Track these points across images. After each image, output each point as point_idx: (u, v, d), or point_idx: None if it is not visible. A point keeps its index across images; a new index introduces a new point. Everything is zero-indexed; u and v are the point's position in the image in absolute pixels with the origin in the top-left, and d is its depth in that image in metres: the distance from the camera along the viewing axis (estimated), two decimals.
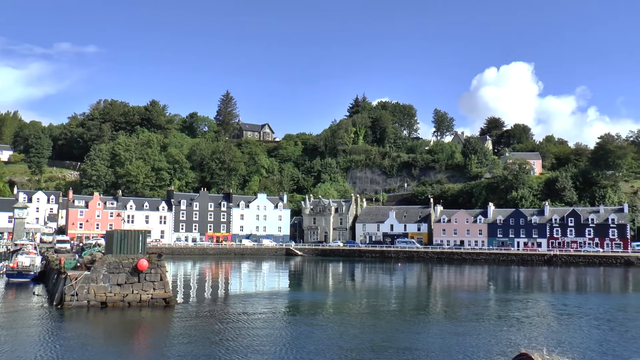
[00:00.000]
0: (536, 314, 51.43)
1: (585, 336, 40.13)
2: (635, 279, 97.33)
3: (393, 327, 42.34)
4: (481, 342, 37.00)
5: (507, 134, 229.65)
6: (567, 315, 50.35)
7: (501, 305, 56.84)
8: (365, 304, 58.15)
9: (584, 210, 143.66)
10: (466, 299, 62.81)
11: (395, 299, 63.02)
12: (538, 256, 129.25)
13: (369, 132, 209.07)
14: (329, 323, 44.47)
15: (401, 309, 54.00)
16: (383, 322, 45.12)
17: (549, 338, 38.83)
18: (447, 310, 52.41)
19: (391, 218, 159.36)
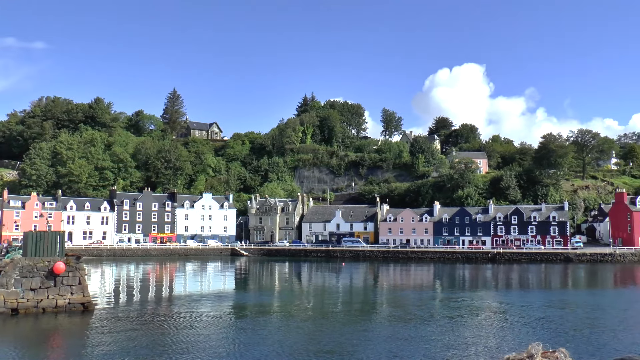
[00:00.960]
0: (482, 312, 51.39)
1: (531, 333, 39.93)
2: (574, 275, 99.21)
3: (339, 330, 41.18)
4: (430, 344, 36.15)
5: (455, 133, 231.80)
6: (512, 312, 50.51)
7: (448, 305, 56.48)
8: (312, 305, 57.00)
9: (526, 209, 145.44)
10: (413, 298, 62.30)
11: (341, 300, 62.08)
12: (482, 254, 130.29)
13: (317, 131, 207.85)
14: (273, 326, 43.30)
15: (348, 311, 52.97)
16: (329, 324, 43.96)
17: (497, 336, 38.62)
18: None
19: (337, 217, 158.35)
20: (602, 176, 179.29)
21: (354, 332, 40.26)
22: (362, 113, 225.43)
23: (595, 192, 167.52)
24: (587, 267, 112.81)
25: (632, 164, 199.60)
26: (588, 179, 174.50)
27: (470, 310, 51.74)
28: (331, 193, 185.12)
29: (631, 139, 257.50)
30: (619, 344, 36.64)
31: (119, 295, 64.11)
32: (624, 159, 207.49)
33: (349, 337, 38.34)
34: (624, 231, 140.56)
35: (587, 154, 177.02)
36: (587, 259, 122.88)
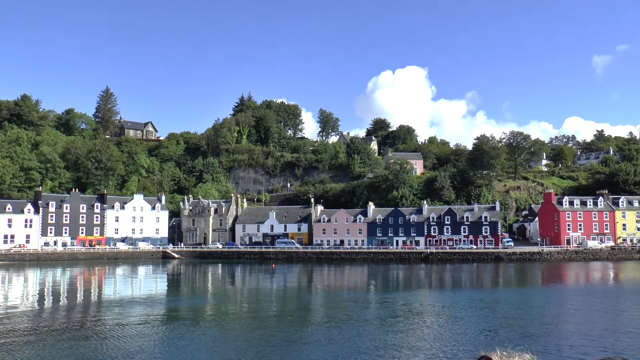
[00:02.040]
0: (417, 312, 51.03)
1: (473, 331, 40.25)
2: (505, 274, 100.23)
3: (274, 335, 39.59)
4: (367, 346, 35.02)
5: (392, 135, 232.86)
6: (446, 312, 50.55)
7: (383, 306, 55.71)
8: (246, 309, 55.31)
9: (459, 209, 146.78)
10: (347, 300, 61.49)
11: (276, 303, 60.64)
12: (415, 254, 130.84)
13: (253, 131, 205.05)
14: (207, 331, 41.59)
15: (282, 314, 51.45)
16: (264, 328, 42.35)
17: (434, 337, 38.02)
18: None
19: (271, 218, 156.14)
20: (533, 177, 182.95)
21: (290, 336, 38.97)
22: (298, 113, 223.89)
23: (526, 193, 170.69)
24: (516, 265, 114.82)
25: (561, 165, 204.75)
26: (520, 180, 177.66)
27: (405, 311, 51.39)
28: (266, 194, 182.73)
29: (561, 141, 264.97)
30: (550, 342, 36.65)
31: (44, 301, 60.78)
32: (553, 160, 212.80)
33: (284, 341, 37.03)
34: (552, 230, 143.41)
35: (519, 156, 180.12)
36: (516, 258, 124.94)
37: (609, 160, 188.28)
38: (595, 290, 69.38)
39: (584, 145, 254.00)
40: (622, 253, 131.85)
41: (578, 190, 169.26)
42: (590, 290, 70.39)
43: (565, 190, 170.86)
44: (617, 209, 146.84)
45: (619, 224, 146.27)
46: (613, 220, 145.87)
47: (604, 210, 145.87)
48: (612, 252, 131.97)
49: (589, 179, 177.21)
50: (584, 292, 67.82)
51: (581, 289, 73.66)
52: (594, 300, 59.03)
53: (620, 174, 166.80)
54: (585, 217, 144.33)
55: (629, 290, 69.97)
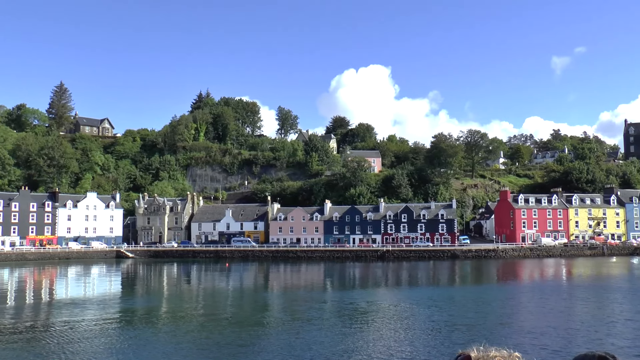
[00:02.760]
0: (373, 311, 50.70)
1: (432, 329, 40.36)
2: (461, 271, 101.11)
3: (230, 336, 38.67)
4: (325, 347, 34.53)
5: (351, 132, 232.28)
6: (402, 310, 50.61)
7: (340, 305, 55.23)
8: (200, 310, 54.21)
9: (416, 207, 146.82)
10: (304, 299, 60.95)
11: (232, 303, 59.45)
12: (372, 252, 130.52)
13: (211, 128, 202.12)
14: (162, 332, 40.79)
15: (239, 314, 50.20)
16: (217, 331, 41.28)
17: (393, 336, 37.78)
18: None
19: (227, 217, 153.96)
20: (490, 175, 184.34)
21: (247, 337, 38.03)
22: (257, 111, 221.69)
23: (483, 191, 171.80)
24: (472, 263, 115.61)
25: (517, 163, 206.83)
26: (477, 178, 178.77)
27: (363, 310, 51.03)
28: (223, 192, 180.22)
29: (520, 140, 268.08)
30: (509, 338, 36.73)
31: None
32: (511, 159, 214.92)
33: (241, 344, 36.00)
34: (507, 227, 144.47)
35: (477, 154, 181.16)
36: (472, 255, 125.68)
37: (563, 159, 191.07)
38: (548, 287, 70.46)
39: (540, 144, 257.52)
40: (574, 250, 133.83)
41: (534, 188, 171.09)
42: (543, 287, 71.37)
43: (522, 188, 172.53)
44: (570, 206, 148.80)
45: (572, 221, 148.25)
46: (566, 218, 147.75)
47: (557, 208, 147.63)
48: (565, 249, 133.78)
49: (544, 177, 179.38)
50: (538, 289, 68.51)
51: (535, 285, 74.50)
52: (548, 297, 59.81)
53: (573, 172, 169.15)
54: (540, 215, 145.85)
55: (580, 287, 71.07)
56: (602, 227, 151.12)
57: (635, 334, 38.80)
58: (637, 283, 75.94)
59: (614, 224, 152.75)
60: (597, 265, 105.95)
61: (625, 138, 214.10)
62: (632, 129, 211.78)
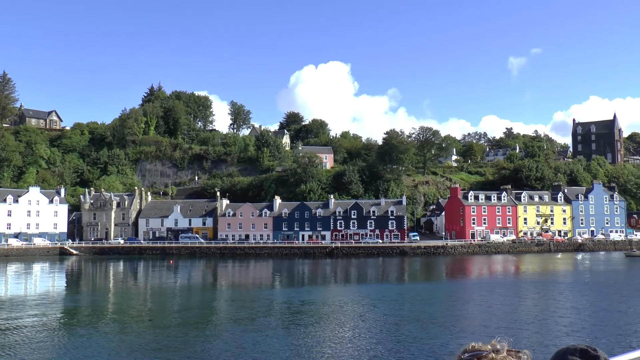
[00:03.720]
0: (323, 308, 50.30)
1: (382, 325, 40.44)
2: (410, 268, 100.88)
3: (178, 336, 37.16)
4: (275, 346, 33.65)
5: (305, 128, 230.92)
6: (353, 306, 50.62)
7: (288, 303, 54.26)
8: (149, 307, 52.63)
9: (366, 203, 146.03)
10: (252, 297, 59.77)
11: (179, 301, 57.94)
12: (320, 249, 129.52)
13: (161, 122, 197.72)
14: (107, 332, 39.13)
15: (187, 313, 48.73)
16: (168, 329, 40.02)
17: (337, 334, 37.16)
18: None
19: (176, 212, 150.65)
20: (442, 172, 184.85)
21: (195, 337, 36.53)
22: (209, 105, 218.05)
23: (434, 188, 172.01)
24: (421, 259, 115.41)
25: (470, 161, 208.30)
26: (429, 175, 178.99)
27: (312, 308, 50.18)
28: (173, 187, 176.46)
29: (474, 138, 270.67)
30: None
31: None
32: (463, 156, 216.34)
33: (190, 344, 34.57)
34: (457, 224, 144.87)
35: (429, 151, 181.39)
36: (421, 252, 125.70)
37: (513, 157, 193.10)
38: (496, 283, 71.05)
39: (493, 142, 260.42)
40: (522, 246, 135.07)
41: (485, 185, 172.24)
42: (492, 283, 71.97)
43: (473, 185, 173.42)
44: (519, 203, 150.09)
45: (521, 218, 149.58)
46: (515, 215, 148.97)
47: (507, 205, 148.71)
48: (513, 246, 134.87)
49: (495, 175, 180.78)
50: (486, 285, 68.96)
51: (484, 282, 75.05)
52: (496, 293, 60.45)
53: (523, 170, 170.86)
54: (489, 212, 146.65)
55: (527, 282, 72.04)
56: (549, 224, 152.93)
57: (577, 327, 39.03)
58: (579, 278, 76.61)
59: (561, 221, 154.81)
60: (544, 262, 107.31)
61: (574, 137, 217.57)
62: (580, 128, 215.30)
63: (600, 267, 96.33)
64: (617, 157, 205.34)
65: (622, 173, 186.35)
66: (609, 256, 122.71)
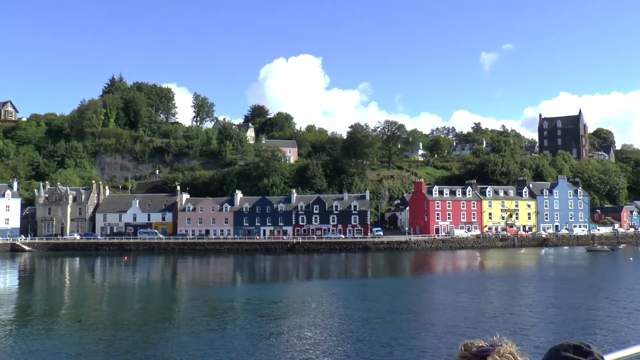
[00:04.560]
0: (285, 305, 50.09)
1: (346, 322, 40.33)
2: (373, 264, 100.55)
3: (138, 337, 36.09)
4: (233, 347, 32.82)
5: (270, 122, 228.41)
6: (315, 303, 50.11)
7: (249, 300, 53.65)
8: (105, 306, 51.26)
9: (329, 198, 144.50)
10: (213, 294, 58.97)
11: (139, 299, 56.36)
12: (281, 244, 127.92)
13: (122, 114, 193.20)
14: (61, 332, 37.83)
15: (146, 312, 47.32)
16: (127, 329, 38.88)
17: (299, 333, 36.58)
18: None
19: (134, 207, 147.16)
20: (408, 167, 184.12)
21: (152, 337, 35.64)
22: (171, 97, 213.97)
23: (399, 182, 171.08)
24: (384, 255, 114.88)
25: (436, 155, 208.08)
26: (394, 169, 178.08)
27: (274, 305, 49.71)
28: (133, 181, 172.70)
29: (442, 132, 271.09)
30: None
31: None
32: (430, 150, 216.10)
33: (146, 344, 33.76)
34: (421, 219, 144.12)
35: (394, 145, 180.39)
36: (384, 247, 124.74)
37: (479, 152, 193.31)
38: (461, 278, 71.58)
39: (461, 137, 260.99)
40: (486, 241, 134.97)
41: (450, 180, 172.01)
42: (457, 278, 72.52)
43: (439, 180, 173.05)
44: (484, 198, 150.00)
45: (486, 213, 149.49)
46: (480, 210, 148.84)
47: (471, 200, 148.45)
48: (477, 241, 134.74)
49: (461, 170, 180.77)
50: (451, 280, 69.14)
51: (448, 277, 75.20)
52: (462, 287, 60.93)
53: (489, 164, 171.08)
54: (454, 206, 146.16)
55: (489, 278, 72.30)
56: (514, 219, 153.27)
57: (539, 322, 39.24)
58: (541, 273, 76.59)
59: (526, 216, 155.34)
60: (507, 257, 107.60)
61: (540, 132, 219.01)
62: (546, 123, 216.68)
63: (563, 262, 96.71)
64: (582, 153, 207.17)
65: (587, 168, 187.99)
66: (572, 251, 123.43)
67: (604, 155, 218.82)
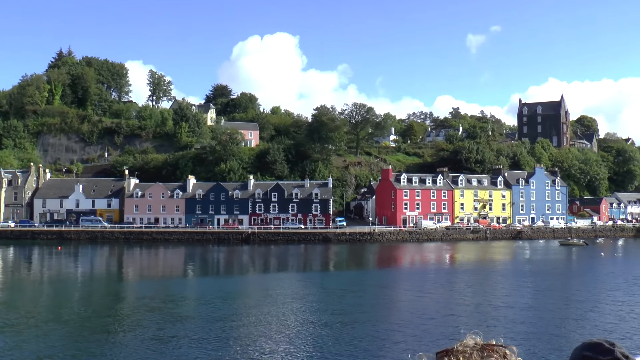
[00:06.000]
0: (237, 300, 49.82)
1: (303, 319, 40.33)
2: (334, 256, 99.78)
3: (79, 338, 34.57)
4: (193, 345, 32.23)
5: (232, 102, 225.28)
6: (274, 298, 49.90)
7: (202, 294, 53.31)
8: (43, 303, 49.41)
9: (288, 185, 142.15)
10: (161, 288, 57.56)
11: (80, 296, 54.28)
12: (236, 234, 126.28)
13: (69, 91, 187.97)
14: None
15: (82, 309, 45.30)
16: (67, 328, 37.20)
17: (255, 332, 35.79)
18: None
19: (77, 192, 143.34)
20: (378, 152, 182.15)
21: (94, 337, 34.43)
22: (125, 74, 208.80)
23: (367, 169, 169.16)
24: (347, 247, 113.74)
25: (409, 141, 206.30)
26: (362, 155, 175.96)
27: (227, 300, 49.33)
28: (79, 164, 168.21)
29: (419, 117, 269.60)
30: None
31: None
32: (403, 136, 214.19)
33: (87, 345, 32.48)
34: (388, 209, 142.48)
35: (362, 129, 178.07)
36: (346, 239, 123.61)
37: (453, 138, 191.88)
38: (428, 273, 70.56)
39: (437, 122, 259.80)
40: (456, 233, 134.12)
41: (422, 167, 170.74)
42: (422, 272, 71.46)
43: (410, 167, 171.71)
44: (456, 187, 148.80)
45: (457, 203, 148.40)
46: (451, 200, 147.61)
47: (442, 189, 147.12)
48: (447, 233, 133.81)
49: (434, 157, 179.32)
50: (416, 275, 68.69)
51: (414, 271, 74.54)
52: (428, 283, 60.31)
53: (462, 152, 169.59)
54: (424, 196, 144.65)
55: (455, 273, 71.90)
56: (488, 210, 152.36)
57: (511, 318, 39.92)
58: (505, 268, 76.24)
59: (500, 207, 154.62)
60: (477, 250, 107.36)
61: (519, 118, 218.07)
62: (526, 109, 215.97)
63: (531, 257, 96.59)
64: (562, 141, 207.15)
65: (567, 157, 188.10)
66: (546, 245, 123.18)
67: (585, 144, 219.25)
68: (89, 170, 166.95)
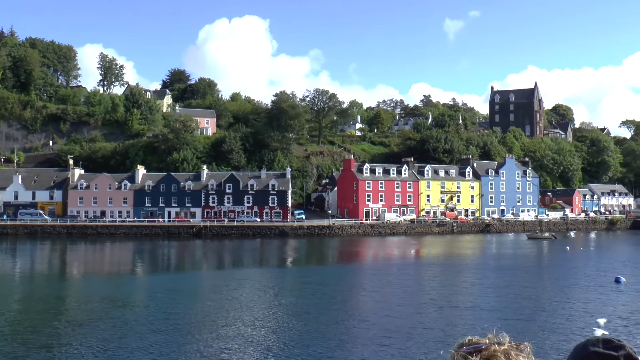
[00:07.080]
0: (190, 298, 49.07)
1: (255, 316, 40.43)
2: (293, 251, 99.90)
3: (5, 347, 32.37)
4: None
5: (190, 88, 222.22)
6: (233, 295, 49.79)
7: (152, 292, 52.68)
8: None
9: (244, 176, 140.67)
10: (108, 287, 56.71)
11: (20, 297, 52.51)
12: (186, 228, 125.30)
13: (10, 74, 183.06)
14: None
15: (21, 312, 43.76)
16: None
17: (209, 334, 34.79)
18: None
19: (16, 184, 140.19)
20: (342, 142, 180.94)
21: (42, 343, 32.72)
22: (73, 57, 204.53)
23: (330, 159, 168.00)
24: (304, 241, 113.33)
25: (376, 130, 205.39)
26: (325, 144, 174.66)
27: (179, 297, 48.98)
28: (21, 153, 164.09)
29: (389, 105, 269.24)
30: None
31: None
32: (369, 124, 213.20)
33: (33, 351, 30.98)
34: (350, 201, 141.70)
35: (324, 117, 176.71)
36: (303, 233, 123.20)
37: (420, 126, 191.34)
38: (390, 270, 69.72)
39: (407, 110, 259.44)
40: (421, 227, 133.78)
41: (388, 157, 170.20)
42: (383, 269, 70.69)
43: (375, 157, 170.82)
44: (422, 178, 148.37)
45: (423, 195, 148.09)
46: (417, 191, 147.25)
47: (407, 180, 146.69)
48: (411, 226, 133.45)
49: (400, 146, 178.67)
50: (378, 273, 67.47)
51: (377, 268, 73.59)
52: (390, 280, 59.76)
53: (430, 141, 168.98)
54: (387, 187, 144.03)
55: (423, 267, 72.15)
56: (455, 202, 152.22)
57: None
58: (463, 263, 75.70)
59: (469, 199, 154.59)
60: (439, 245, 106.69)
61: (491, 106, 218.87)
62: (498, 96, 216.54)
63: (494, 251, 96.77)
64: (535, 130, 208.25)
65: (539, 147, 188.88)
66: (515, 238, 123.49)
67: (560, 134, 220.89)
68: (31, 160, 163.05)
